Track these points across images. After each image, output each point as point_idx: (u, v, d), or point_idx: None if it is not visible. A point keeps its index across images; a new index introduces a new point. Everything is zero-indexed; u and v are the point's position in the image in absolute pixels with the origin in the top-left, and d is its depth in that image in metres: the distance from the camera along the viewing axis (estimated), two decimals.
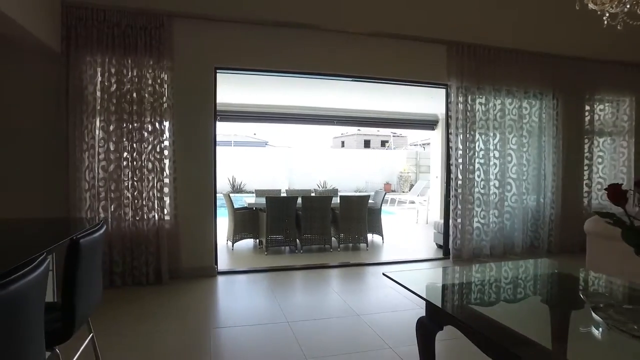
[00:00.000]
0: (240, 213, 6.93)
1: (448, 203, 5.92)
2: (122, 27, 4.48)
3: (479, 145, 5.68)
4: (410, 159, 18.81)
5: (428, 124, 10.02)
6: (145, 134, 4.56)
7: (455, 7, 5.53)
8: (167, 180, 4.65)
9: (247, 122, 9.33)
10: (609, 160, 6.37)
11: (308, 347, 3.08)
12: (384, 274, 2.18)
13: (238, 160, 17.26)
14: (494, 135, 5.73)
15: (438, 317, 1.94)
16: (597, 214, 1.80)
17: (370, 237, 7.35)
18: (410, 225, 10.05)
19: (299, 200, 6.60)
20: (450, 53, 5.52)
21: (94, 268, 1.82)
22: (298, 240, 6.65)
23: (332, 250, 6.68)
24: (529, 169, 5.92)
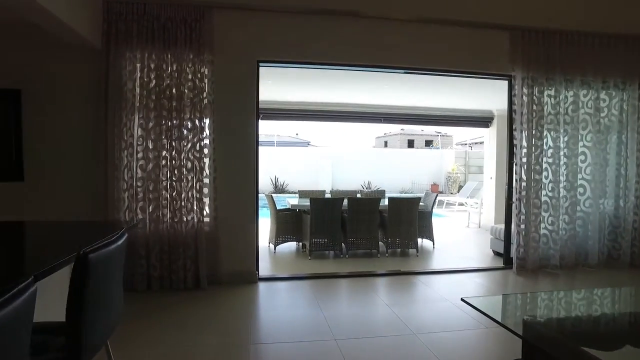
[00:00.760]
0: (283, 215, 6.65)
1: (510, 207, 5.34)
2: (161, 20, 4.28)
3: (547, 143, 5.05)
4: (459, 159, 17.92)
5: (482, 121, 9.33)
6: (185, 132, 4.35)
7: None
8: (206, 180, 4.41)
9: (289, 120, 9.05)
10: None
11: None
12: (463, 300, 1.75)
13: (280, 160, 17.11)
14: (565, 132, 5.08)
15: None
16: None
17: (420, 241, 6.84)
18: (462, 229, 9.40)
19: (345, 202, 6.21)
20: (515, 40, 4.94)
21: (111, 285, 1.54)
22: (343, 245, 6.27)
23: (379, 256, 6.25)
24: (607, 170, 5.20)
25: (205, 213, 4.42)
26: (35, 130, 4.26)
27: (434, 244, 7.00)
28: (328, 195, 8.01)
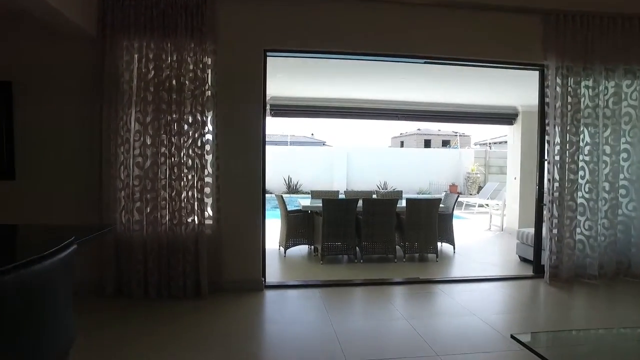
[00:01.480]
0: (294, 216, 6.28)
1: (540, 209, 4.86)
2: (160, 6, 3.96)
3: (584, 139, 4.56)
4: (478, 159, 17.29)
5: (505, 118, 8.79)
6: (185, 127, 4.01)
7: None
8: (208, 179, 4.06)
9: (302, 117, 8.66)
10: None
11: None
12: (514, 337, 1.33)
13: (294, 160, 16.76)
14: (605, 127, 4.58)
15: None
16: None
17: (439, 246, 6.39)
18: (483, 233, 8.89)
19: (359, 203, 5.81)
20: (548, 25, 4.46)
21: (46, 315, 1.16)
22: (358, 249, 5.87)
23: (396, 261, 5.83)
24: None
25: (207, 215, 4.08)
26: (27, 125, 3.98)
27: (455, 248, 6.54)
28: (342, 196, 7.61)
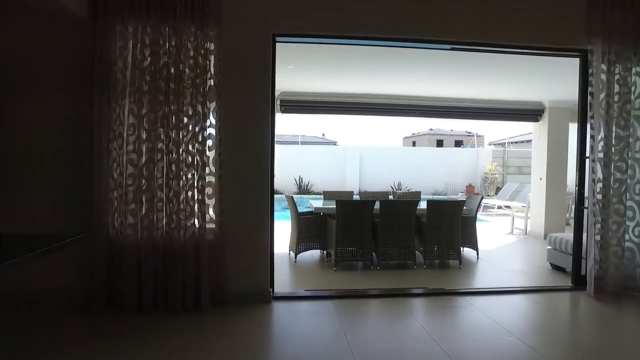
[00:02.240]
0: (305, 219, 5.84)
1: (581, 212, 4.35)
2: None
3: (635, 134, 4.04)
4: (496, 159, 16.64)
5: (530, 115, 8.25)
6: (185, 119, 3.59)
7: None
8: (210, 179, 3.64)
9: (313, 113, 8.23)
10: None
11: None
12: None
13: (305, 160, 16.32)
14: None
15: None
16: None
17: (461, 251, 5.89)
18: (505, 237, 8.34)
19: (376, 205, 5.35)
20: (593, 4, 3.95)
21: None
22: (374, 254, 5.41)
23: (415, 268, 5.36)
24: None
25: (209, 218, 3.65)
26: (10, 119, 3.59)
27: (478, 254, 6.04)
28: (356, 197, 7.15)
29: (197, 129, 3.59)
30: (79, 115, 3.56)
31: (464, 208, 5.76)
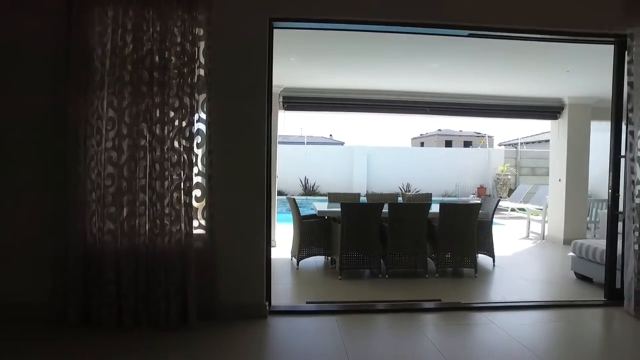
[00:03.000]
0: (308, 223, 5.45)
1: (615, 219, 3.90)
2: None
3: None
4: (508, 159, 16.10)
5: (548, 112, 7.77)
6: (171, 113, 3.20)
7: None
8: (198, 179, 3.26)
9: (318, 111, 7.77)
10: None
11: None
12: None
13: (311, 160, 15.93)
14: None
15: None
16: None
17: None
18: (521, 241, 7.85)
19: (385, 208, 4.94)
20: None
21: None
22: (382, 261, 5.00)
23: (427, 276, 4.94)
24: None
25: (197, 223, 3.27)
26: None
27: (494, 261, 5.60)
28: (363, 199, 6.74)
29: (183, 124, 3.20)
30: (53, 110, 3.19)
31: (480, 212, 5.32)
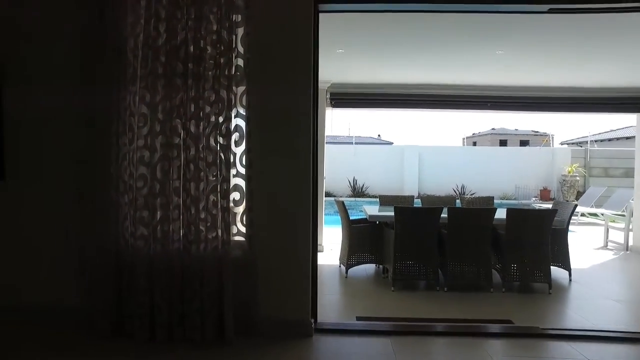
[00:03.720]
0: (358, 228, 5.04)
1: None
2: None
3: None
4: (576, 159, 14.75)
5: (631, 104, 6.84)
6: (207, 108, 2.92)
7: None
8: (237, 181, 2.95)
9: (368, 107, 7.33)
10: None
11: None
12: None
13: (360, 160, 15.45)
14: None
15: None
16: None
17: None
18: (598, 252, 6.94)
19: (442, 213, 4.43)
20: None
21: None
22: (440, 272, 4.48)
23: (492, 290, 4.37)
24: None
25: (235, 230, 2.96)
26: (17, 115, 3.14)
27: (571, 275, 4.89)
28: (417, 202, 6.21)
29: (220, 120, 2.90)
30: (84, 105, 3.01)
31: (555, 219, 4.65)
